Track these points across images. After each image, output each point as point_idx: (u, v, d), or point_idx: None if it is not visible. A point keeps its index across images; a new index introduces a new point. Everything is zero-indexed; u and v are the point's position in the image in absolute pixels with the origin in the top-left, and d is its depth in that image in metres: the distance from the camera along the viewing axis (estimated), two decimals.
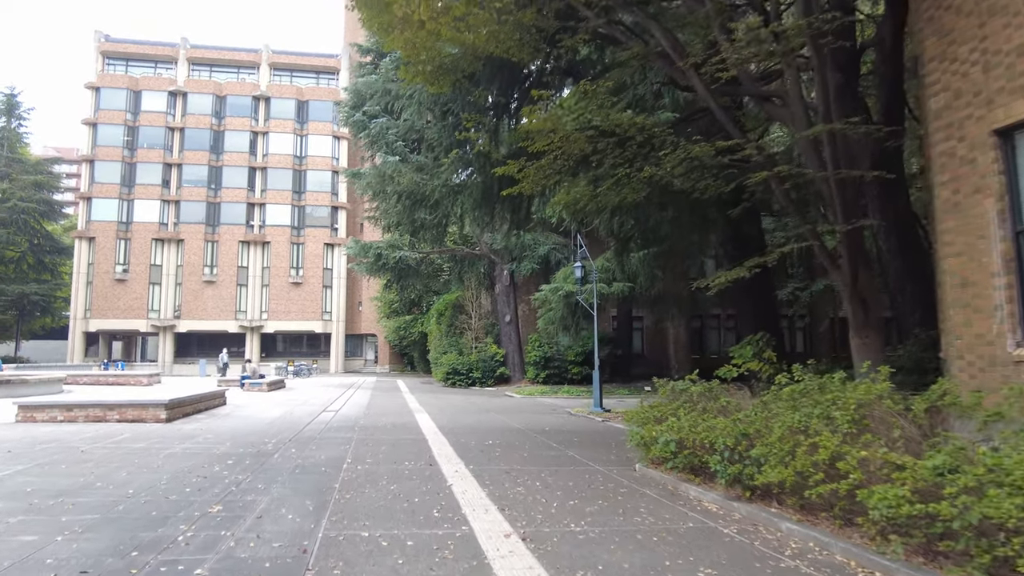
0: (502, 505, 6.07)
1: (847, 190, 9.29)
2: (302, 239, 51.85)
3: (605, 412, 16.43)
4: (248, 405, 16.90)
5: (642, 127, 7.96)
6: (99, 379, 23.82)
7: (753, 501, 6.16)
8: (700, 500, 6.63)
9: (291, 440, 10.30)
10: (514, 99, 11.70)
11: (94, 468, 7.36)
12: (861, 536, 4.84)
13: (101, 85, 50.29)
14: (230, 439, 10.17)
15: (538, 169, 9.20)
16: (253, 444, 9.69)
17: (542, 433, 11.94)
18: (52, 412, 11.66)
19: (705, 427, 6.70)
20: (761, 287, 12.19)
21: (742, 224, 11.90)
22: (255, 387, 21.84)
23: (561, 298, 23.65)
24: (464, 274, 31.91)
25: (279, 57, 54.41)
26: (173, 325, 49.06)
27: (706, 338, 33.60)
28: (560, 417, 15.55)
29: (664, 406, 8.10)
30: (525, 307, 31.02)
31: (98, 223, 48.75)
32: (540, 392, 24.14)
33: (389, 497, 6.29)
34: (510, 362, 29.37)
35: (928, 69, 7.38)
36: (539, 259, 28.68)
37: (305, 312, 51.05)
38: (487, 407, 18.04)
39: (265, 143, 52.34)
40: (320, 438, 10.65)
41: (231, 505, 5.79)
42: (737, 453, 6.16)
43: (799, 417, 5.59)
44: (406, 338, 44.15)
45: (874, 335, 9.84)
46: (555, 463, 8.58)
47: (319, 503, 5.97)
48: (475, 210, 11.68)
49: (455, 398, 21.63)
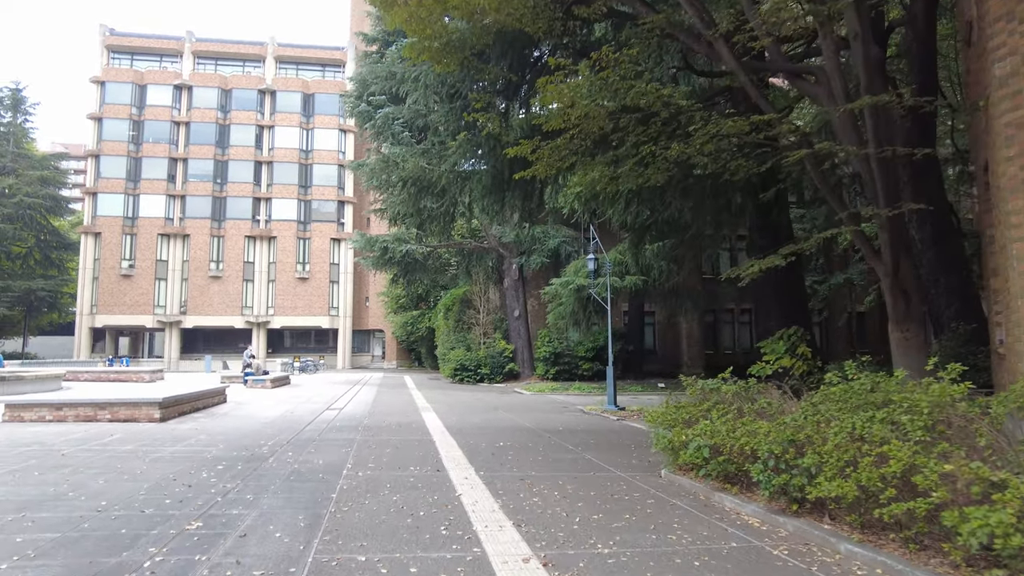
0: (518, 520, 5.39)
1: (889, 171, 8.53)
2: (308, 234, 51.32)
3: (619, 410, 15.73)
4: (249, 403, 16.32)
5: (668, 100, 7.22)
6: (101, 375, 23.36)
7: (801, 515, 5.45)
8: (738, 513, 5.93)
9: (289, 442, 9.66)
10: (526, 79, 10.97)
11: (70, 475, 6.74)
12: (942, 562, 4.12)
13: (106, 79, 49.87)
14: (224, 441, 9.55)
15: (553, 150, 8.49)
16: (248, 447, 9.05)
17: (556, 433, 11.25)
18: (40, 411, 11.08)
19: (745, 432, 5.99)
20: (789, 278, 11.44)
21: (771, 211, 11.12)
22: (258, 384, 21.27)
23: (572, 292, 22.94)
24: (472, 268, 31.23)
25: (285, 50, 53.80)
26: (179, 321, 48.71)
27: (720, 333, 32.77)
28: (573, 415, 14.87)
29: (693, 407, 7.39)
30: (534, 302, 30.33)
31: (104, 218, 48.40)
32: (550, 389, 23.45)
33: (392, 510, 5.63)
34: (519, 358, 28.69)
35: (991, 32, 6.60)
36: (549, 252, 27.96)
37: (312, 307, 50.57)
38: (496, 405, 17.38)
39: (271, 137, 51.80)
40: (320, 439, 10.01)
41: (213, 520, 5.14)
42: (784, 461, 5.45)
43: (859, 422, 4.86)
44: (413, 334, 43.56)
45: (916, 329, 9.09)
46: (573, 468, 7.90)
47: (312, 518, 5.31)
48: (484, 198, 10.96)
49: (463, 395, 20.99)
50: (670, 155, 7.56)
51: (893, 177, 8.62)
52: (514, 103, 10.79)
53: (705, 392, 7.50)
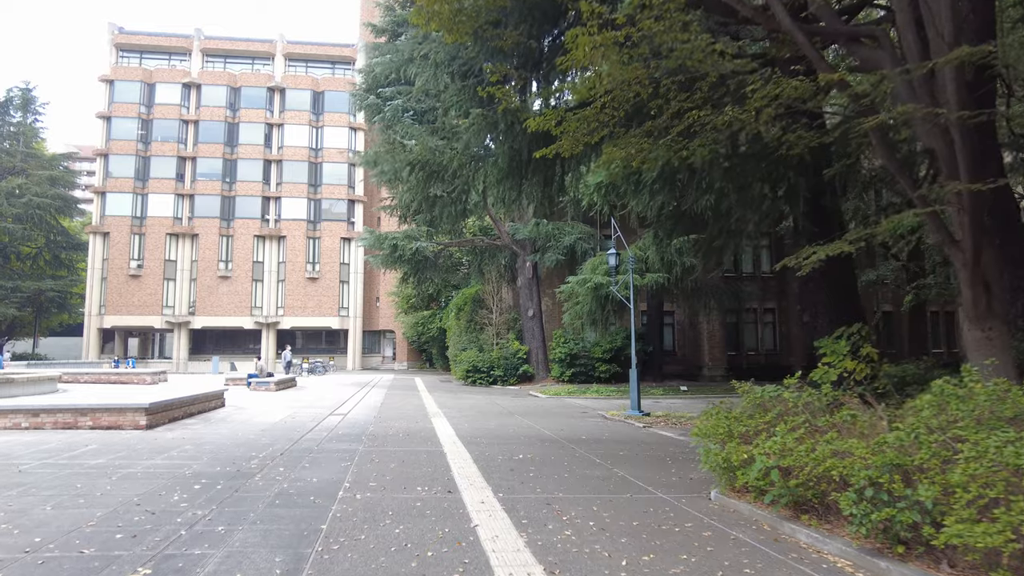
0: (550, 564, 4.29)
1: (974, 141, 7.35)
2: (318, 233, 50.52)
3: (644, 416, 14.59)
4: (248, 407, 15.34)
5: (723, 54, 6.08)
6: (101, 377, 22.52)
7: (908, 559, 4.30)
8: (819, 551, 4.79)
9: (283, 453, 8.62)
10: (546, 52, 9.87)
11: (17, 498, 5.73)
12: None
13: (115, 78, 49.42)
14: (211, 452, 8.53)
15: (581, 121, 7.38)
16: (236, 459, 8.02)
17: (580, 443, 10.13)
18: (15, 418, 10.13)
19: (829, 451, 4.85)
20: (841, 271, 10.25)
21: (824, 195, 9.93)
22: (262, 386, 20.31)
23: (590, 290, 21.78)
24: (484, 266, 30.17)
25: (294, 47, 53.11)
26: (188, 321, 48.08)
27: (743, 334, 31.43)
28: (595, 422, 13.75)
29: (749, 419, 6.26)
30: (549, 301, 29.21)
31: (112, 218, 47.90)
32: (567, 392, 22.31)
33: (393, 549, 4.54)
34: (534, 359, 27.56)
35: None
36: (564, 250, 26.78)
37: (322, 308, 49.76)
38: (512, 409, 16.29)
39: (280, 135, 51.09)
40: (319, 451, 8.96)
41: (166, 565, 4.09)
42: (886, 492, 4.31)
43: (1006, 446, 3.70)
44: (424, 334, 42.60)
45: (999, 327, 7.89)
46: (606, 488, 6.78)
47: (293, 560, 4.25)
48: (500, 183, 9.86)
49: (476, 398, 19.92)
50: (721, 123, 6.43)
51: (977, 148, 7.44)
52: (535, 76, 9.67)
53: (764, 401, 6.35)
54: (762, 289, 31.04)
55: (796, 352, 31.74)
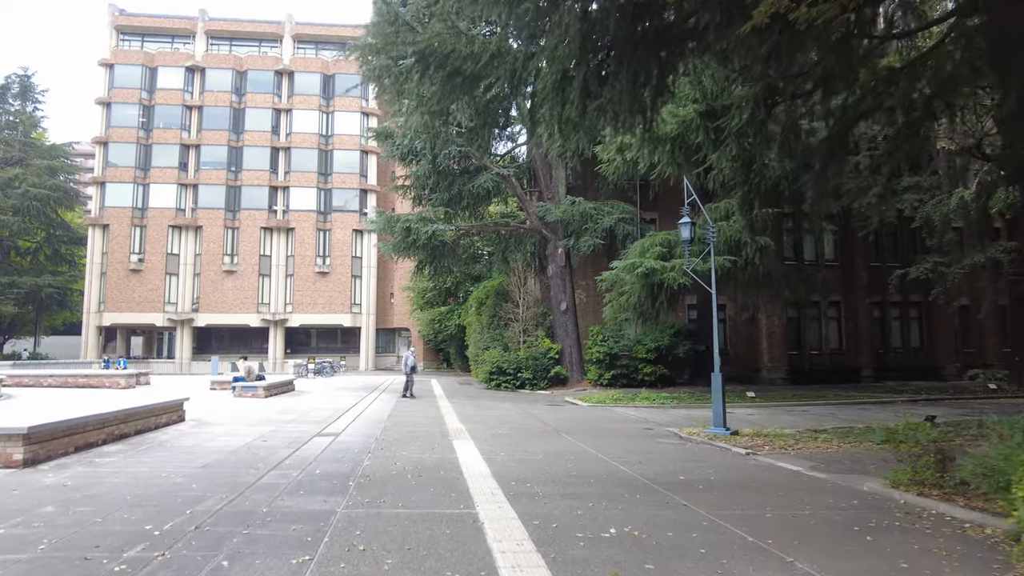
0: None
1: None
2: (329, 225, 47.31)
3: (732, 435, 10.94)
4: (215, 423, 11.89)
5: None
6: (68, 380, 19.29)
7: None
8: None
9: (199, 528, 5.09)
10: None
11: None
12: None
13: (115, 61, 46.66)
14: (72, 525, 5.00)
15: None
16: (105, 545, 4.52)
17: (684, 491, 6.50)
18: None
19: None
20: None
21: None
22: (248, 392, 16.90)
23: (639, 277, 18.08)
24: (509, 254, 26.56)
25: (303, 28, 49.97)
26: (191, 319, 45.15)
27: (805, 331, 27.40)
28: (673, 446, 10.13)
29: None
30: (582, 293, 25.56)
31: (112, 209, 45.12)
32: (612, 399, 18.63)
33: None
34: (567, 360, 23.90)
35: None
36: (603, 233, 23.09)
37: (332, 304, 46.54)
38: (554, 424, 12.70)
39: (288, 121, 47.96)
40: (263, 520, 5.38)
41: None
42: None
43: None
44: (441, 332, 39.16)
45: None
46: None
47: None
48: (560, 91, 6.29)
49: (505, 407, 16.35)
50: None
51: None
52: None
53: None
54: (825, 280, 27.00)
55: (864, 352, 27.75)
